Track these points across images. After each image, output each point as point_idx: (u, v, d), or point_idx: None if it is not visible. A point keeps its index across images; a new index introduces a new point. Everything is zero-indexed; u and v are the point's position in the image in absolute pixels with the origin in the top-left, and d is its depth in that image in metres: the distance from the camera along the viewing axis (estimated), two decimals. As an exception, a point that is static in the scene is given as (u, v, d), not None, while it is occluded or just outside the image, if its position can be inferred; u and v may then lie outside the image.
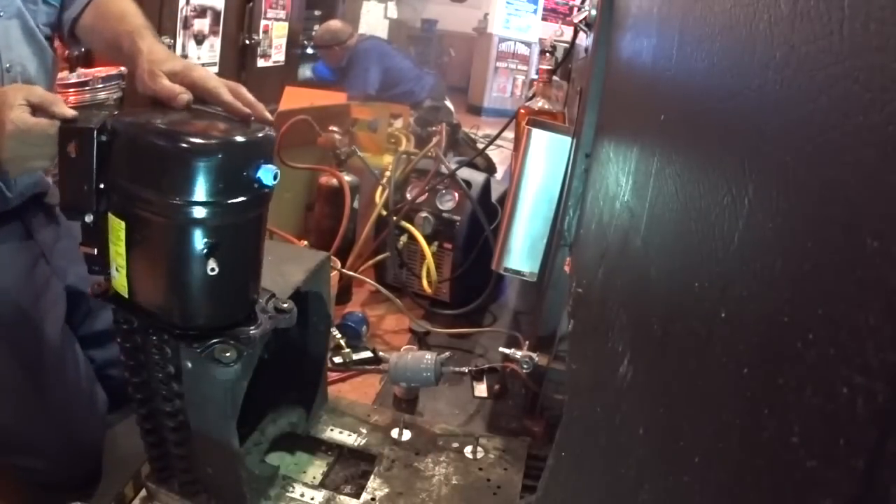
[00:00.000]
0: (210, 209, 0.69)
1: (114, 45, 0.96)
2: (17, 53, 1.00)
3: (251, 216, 0.75)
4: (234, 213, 0.72)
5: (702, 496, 0.34)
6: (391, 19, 5.40)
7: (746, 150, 0.35)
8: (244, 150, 0.71)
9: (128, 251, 0.73)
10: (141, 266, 0.74)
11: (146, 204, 0.70)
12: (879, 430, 0.20)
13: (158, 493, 0.94)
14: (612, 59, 1.11)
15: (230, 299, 0.78)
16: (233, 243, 0.74)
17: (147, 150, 0.70)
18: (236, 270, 0.76)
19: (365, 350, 1.54)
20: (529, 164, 1.28)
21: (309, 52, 3.84)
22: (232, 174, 0.70)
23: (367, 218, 1.89)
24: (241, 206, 0.72)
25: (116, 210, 0.72)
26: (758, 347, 0.30)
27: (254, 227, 0.77)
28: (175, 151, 0.68)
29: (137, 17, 0.99)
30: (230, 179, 0.70)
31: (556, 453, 0.86)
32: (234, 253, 0.75)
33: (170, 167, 0.69)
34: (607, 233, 0.81)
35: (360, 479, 1.04)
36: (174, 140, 0.69)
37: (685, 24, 0.54)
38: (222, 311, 0.78)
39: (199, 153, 0.68)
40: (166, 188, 0.69)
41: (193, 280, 0.73)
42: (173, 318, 0.76)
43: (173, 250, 0.72)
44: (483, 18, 6.07)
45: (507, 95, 6.03)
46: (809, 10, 0.29)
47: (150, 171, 0.70)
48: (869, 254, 0.22)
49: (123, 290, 0.76)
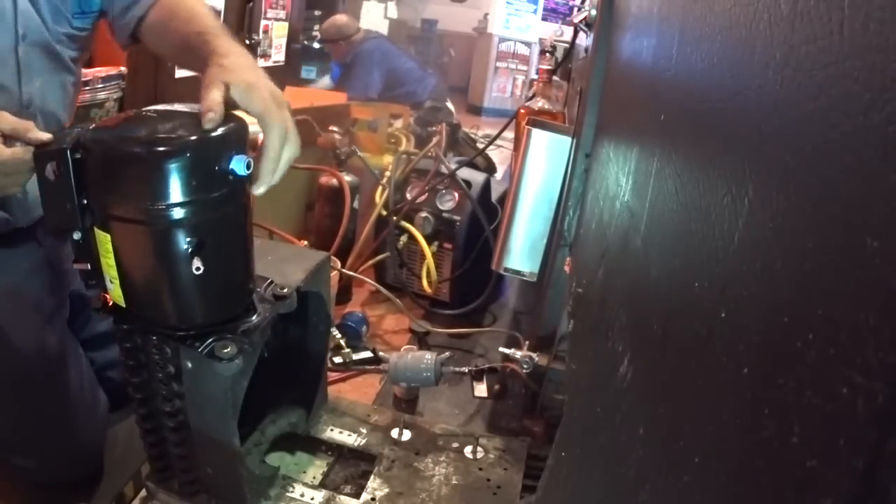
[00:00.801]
0: (188, 208, 0.69)
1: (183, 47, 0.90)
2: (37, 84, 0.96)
3: (230, 209, 0.75)
4: (213, 208, 0.72)
5: (702, 496, 0.34)
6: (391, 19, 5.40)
7: (746, 150, 0.35)
8: (212, 145, 0.71)
9: (117, 262, 0.73)
10: (132, 275, 0.75)
11: (125, 213, 0.70)
12: (879, 430, 0.20)
13: (158, 493, 0.94)
14: (612, 59, 1.11)
15: (224, 295, 0.78)
16: (217, 239, 0.74)
17: (117, 160, 0.69)
18: (225, 265, 0.76)
19: (365, 350, 1.54)
20: (529, 164, 1.28)
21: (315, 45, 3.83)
22: (203, 170, 0.70)
23: (367, 218, 1.89)
24: (219, 200, 0.72)
25: (100, 224, 0.73)
26: (758, 347, 0.30)
27: (236, 220, 0.77)
28: (144, 157, 0.68)
29: (208, 18, 0.92)
30: (203, 176, 0.70)
31: (556, 453, 0.86)
32: (220, 248, 0.75)
33: (141, 174, 0.68)
34: (607, 233, 0.81)
35: (360, 479, 1.04)
36: (141, 146, 0.68)
37: (685, 24, 0.54)
38: (218, 307, 0.78)
39: (168, 155, 0.68)
40: (141, 195, 0.69)
41: (183, 281, 0.73)
42: (171, 322, 0.76)
43: (159, 255, 0.72)
44: (483, 18, 6.07)
45: (507, 95, 6.03)
46: (809, 10, 0.29)
47: (124, 181, 0.70)
48: (869, 254, 0.22)
49: (120, 301, 0.77)
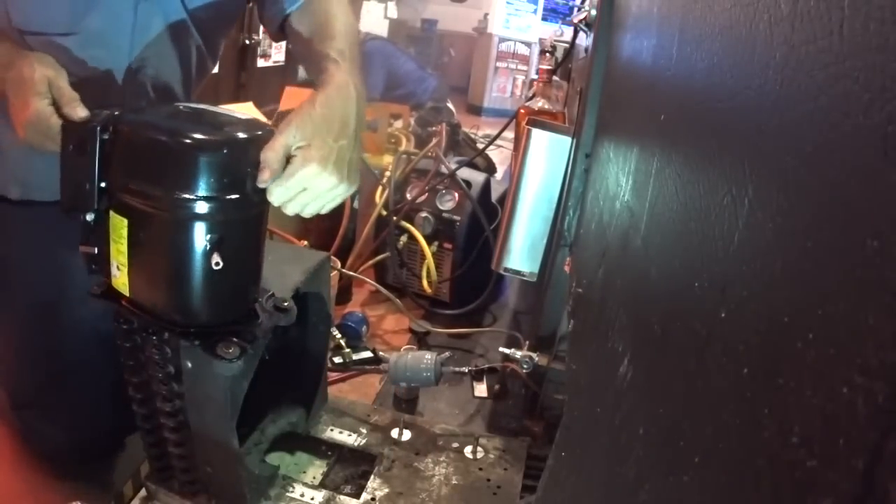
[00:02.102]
0: (215, 204, 0.70)
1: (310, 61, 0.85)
2: (153, 51, 0.90)
3: (254, 212, 0.76)
4: (239, 208, 0.73)
5: (702, 496, 0.34)
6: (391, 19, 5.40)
7: (746, 150, 0.35)
8: (249, 146, 0.72)
9: (130, 249, 0.73)
10: (143, 263, 0.74)
11: (151, 200, 0.70)
12: (879, 430, 0.20)
13: (158, 492, 0.94)
14: (612, 59, 1.11)
15: (232, 296, 0.78)
16: (236, 239, 0.74)
17: (155, 146, 0.70)
18: (238, 267, 0.77)
19: (365, 350, 1.54)
20: (529, 164, 1.28)
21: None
22: (235, 170, 0.71)
23: (367, 218, 1.89)
24: (243, 202, 0.72)
25: (118, 207, 0.72)
26: (758, 347, 0.30)
27: (256, 224, 0.78)
28: (184, 147, 0.69)
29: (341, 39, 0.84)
30: (233, 175, 0.71)
31: (556, 453, 0.86)
32: (237, 249, 0.75)
33: (178, 162, 0.69)
34: (607, 233, 0.81)
35: (360, 479, 1.04)
36: (183, 136, 0.69)
37: (685, 24, 0.54)
38: (224, 308, 0.78)
39: (208, 148, 0.69)
40: (173, 183, 0.69)
41: (197, 276, 0.73)
42: (175, 316, 0.76)
43: (178, 246, 0.72)
44: (483, 18, 6.07)
45: (507, 95, 6.03)
46: (809, 10, 0.29)
47: (157, 167, 0.70)
48: (869, 254, 0.22)
49: (124, 289, 0.76)
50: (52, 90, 0.74)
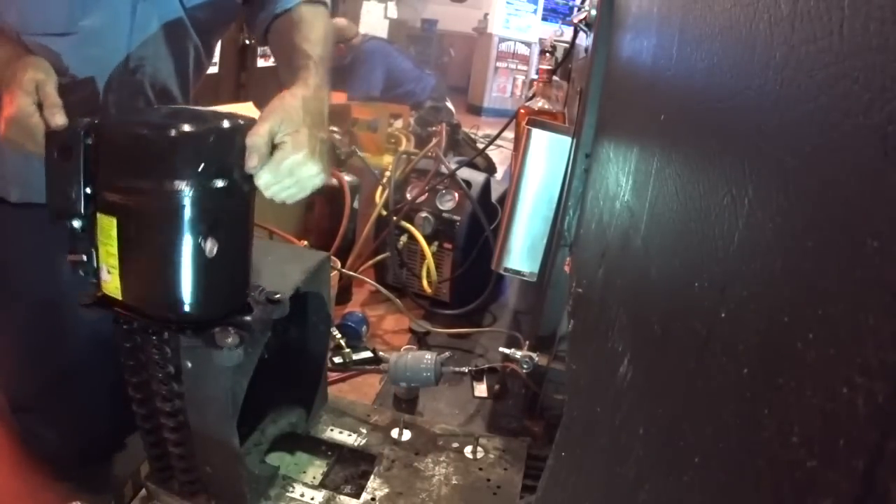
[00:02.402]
0: (205, 192, 0.71)
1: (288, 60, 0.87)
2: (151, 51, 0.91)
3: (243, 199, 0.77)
4: (228, 195, 0.73)
5: (702, 496, 0.34)
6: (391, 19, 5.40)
7: (746, 150, 0.35)
8: (234, 134, 0.73)
9: (120, 248, 0.73)
10: (136, 261, 0.74)
11: (140, 194, 0.70)
12: (879, 430, 0.20)
13: (158, 493, 0.94)
14: (612, 59, 1.11)
15: (226, 286, 0.78)
16: (226, 228, 0.75)
17: (141, 140, 0.70)
18: (231, 256, 0.77)
19: (365, 350, 1.54)
20: (529, 164, 1.28)
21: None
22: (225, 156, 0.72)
23: (367, 218, 1.89)
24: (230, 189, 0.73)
25: (106, 208, 0.72)
26: (758, 347, 0.30)
27: (244, 212, 0.78)
28: (173, 137, 0.69)
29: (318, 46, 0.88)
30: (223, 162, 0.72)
31: (556, 453, 0.86)
32: (229, 238, 0.75)
33: (166, 153, 0.69)
34: (607, 233, 0.81)
35: (360, 479, 1.04)
36: (170, 127, 0.70)
37: (685, 24, 0.54)
38: (219, 299, 0.78)
39: (196, 135, 0.70)
40: (161, 174, 0.69)
41: (191, 265, 0.73)
42: (170, 313, 0.75)
43: (170, 237, 0.72)
44: (483, 18, 6.07)
45: (507, 95, 6.03)
46: (809, 10, 0.29)
47: (145, 161, 0.70)
48: (869, 254, 0.22)
49: (116, 293, 0.75)
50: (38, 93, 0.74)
